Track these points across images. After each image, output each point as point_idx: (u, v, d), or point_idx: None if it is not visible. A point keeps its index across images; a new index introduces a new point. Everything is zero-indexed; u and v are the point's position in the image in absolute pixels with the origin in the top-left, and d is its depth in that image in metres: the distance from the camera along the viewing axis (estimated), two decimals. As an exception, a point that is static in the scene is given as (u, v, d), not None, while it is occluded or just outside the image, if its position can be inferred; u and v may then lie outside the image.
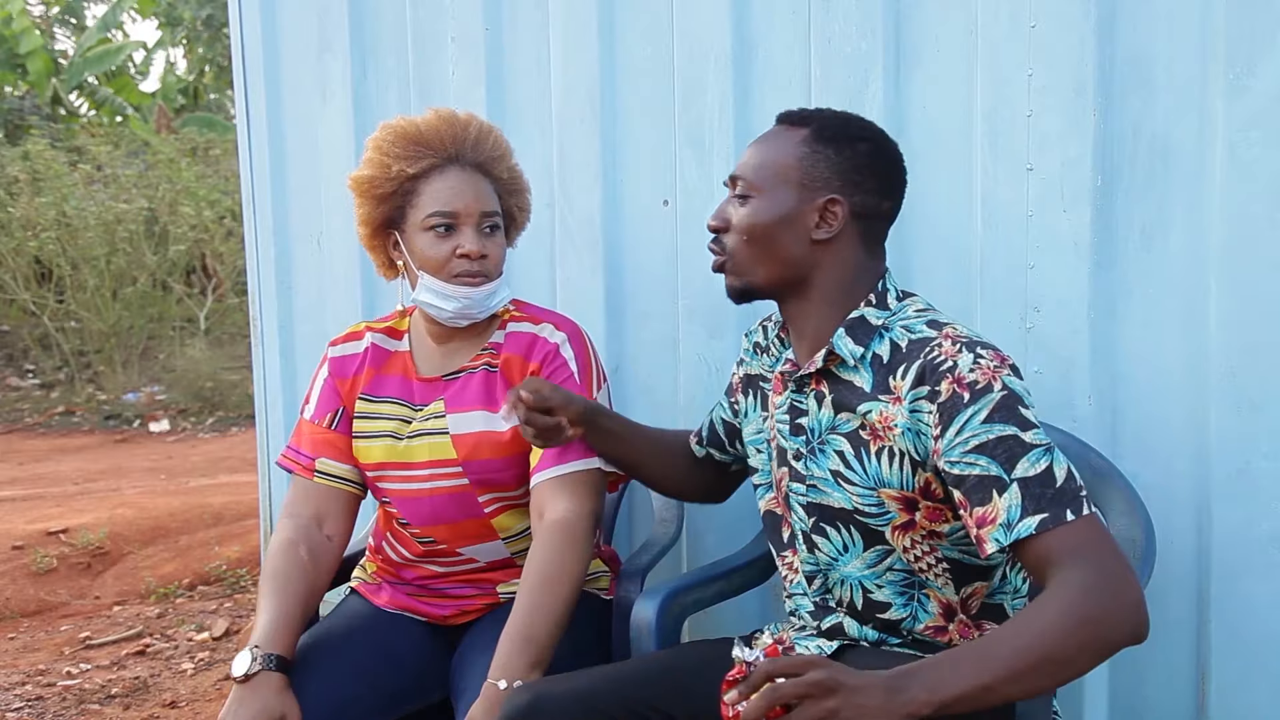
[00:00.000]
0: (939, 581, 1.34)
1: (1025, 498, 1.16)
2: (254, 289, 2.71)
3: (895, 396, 1.27)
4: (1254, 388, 1.59)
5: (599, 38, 2.12)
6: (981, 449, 1.18)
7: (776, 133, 1.39)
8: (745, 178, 1.38)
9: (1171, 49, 1.62)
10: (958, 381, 1.21)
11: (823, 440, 1.36)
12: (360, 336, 1.77)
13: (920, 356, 1.25)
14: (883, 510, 1.31)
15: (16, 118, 11.68)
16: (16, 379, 8.74)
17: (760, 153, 1.38)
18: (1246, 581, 1.61)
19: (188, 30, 13.43)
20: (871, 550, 1.35)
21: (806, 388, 1.38)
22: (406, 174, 1.64)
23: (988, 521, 1.17)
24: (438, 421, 1.68)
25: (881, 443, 1.29)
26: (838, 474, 1.34)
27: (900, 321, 1.32)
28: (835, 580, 1.39)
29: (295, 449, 1.76)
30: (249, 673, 1.49)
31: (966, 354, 1.22)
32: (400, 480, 1.69)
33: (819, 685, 1.03)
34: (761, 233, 1.36)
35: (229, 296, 9.16)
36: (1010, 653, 1.07)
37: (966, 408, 1.20)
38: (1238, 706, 1.63)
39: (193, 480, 5.58)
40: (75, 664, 3.14)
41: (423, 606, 1.74)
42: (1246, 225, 1.58)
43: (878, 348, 1.31)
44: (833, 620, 1.40)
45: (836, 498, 1.34)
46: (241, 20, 2.64)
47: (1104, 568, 1.12)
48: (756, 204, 1.36)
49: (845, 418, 1.33)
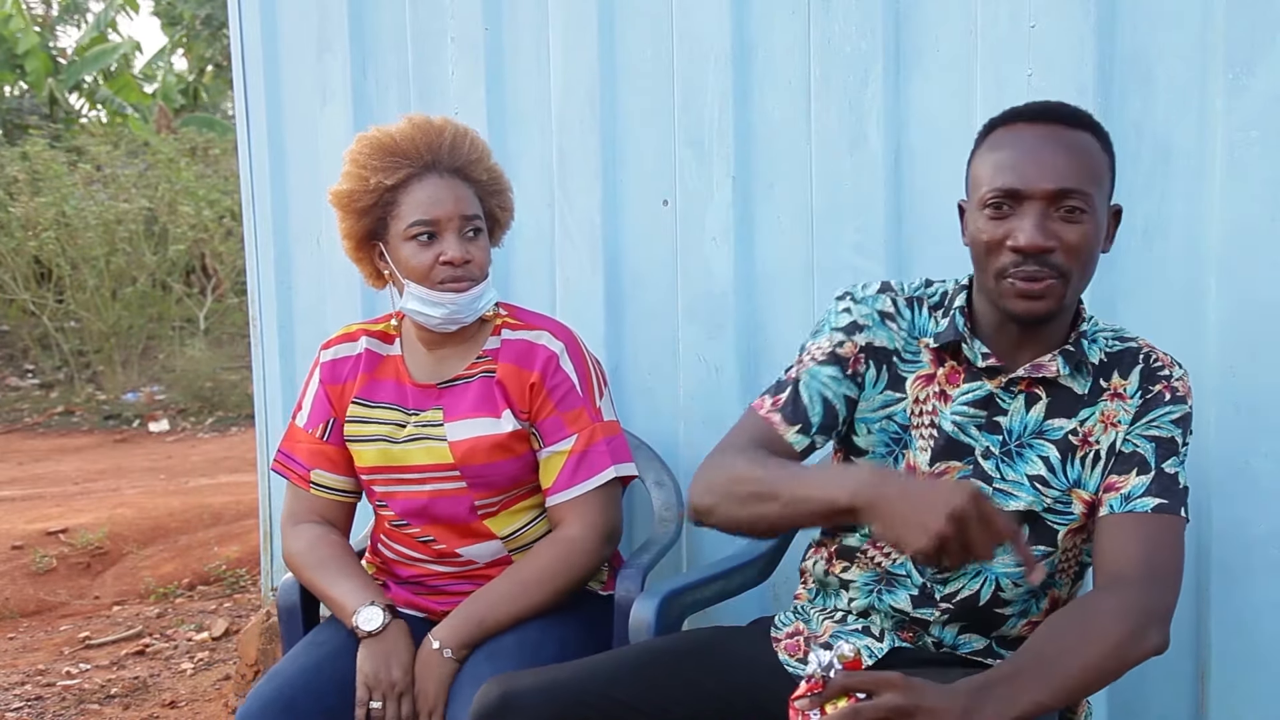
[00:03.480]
0: (1064, 580, 1.38)
1: (1155, 484, 1.28)
2: (254, 289, 2.71)
3: (1115, 394, 1.33)
4: (1254, 388, 1.59)
5: (599, 38, 2.12)
6: (1154, 438, 1.30)
7: (1063, 134, 1.26)
8: (1081, 190, 1.23)
9: (1171, 49, 1.62)
10: (1169, 386, 1.33)
11: (1023, 443, 1.34)
12: (355, 339, 1.78)
13: (1139, 361, 1.34)
14: (1069, 510, 1.33)
15: (15, 118, 11.68)
16: (16, 379, 8.74)
17: (1075, 158, 1.24)
18: (1246, 581, 1.61)
19: (187, 30, 13.42)
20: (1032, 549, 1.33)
21: (1015, 387, 1.35)
22: (385, 185, 1.64)
23: (1113, 489, 1.29)
24: (435, 429, 1.68)
25: (1089, 448, 1.33)
26: (1037, 479, 1.33)
27: (1099, 333, 1.37)
28: (969, 572, 1.35)
29: (289, 455, 1.77)
30: (385, 623, 1.59)
31: (1177, 368, 1.35)
32: (396, 483, 1.70)
33: (898, 709, 1.07)
34: (1091, 252, 1.26)
35: (229, 296, 9.16)
36: (1071, 672, 1.16)
37: (1164, 405, 1.32)
38: (1238, 706, 1.64)
39: (192, 480, 5.58)
40: (75, 664, 3.14)
41: (423, 602, 1.75)
42: (1246, 225, 1.58)
43: (1092, 356, 1.35)
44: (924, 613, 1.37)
45: (1026, 501, 1.33)
46: (241, 20, 2.63)
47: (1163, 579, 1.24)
48: (1090, 221, 1.24)
49: (1059, 423, 1.34)
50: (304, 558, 1.71)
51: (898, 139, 1.84)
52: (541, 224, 2.19)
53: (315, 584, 1.69)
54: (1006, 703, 1.11)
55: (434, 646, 1.59)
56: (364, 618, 1.60)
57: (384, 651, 1.57)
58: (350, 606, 1.61)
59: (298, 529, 1.74)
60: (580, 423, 1.67)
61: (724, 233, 2.01)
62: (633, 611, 1.57)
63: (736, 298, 2.01)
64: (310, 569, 1.70)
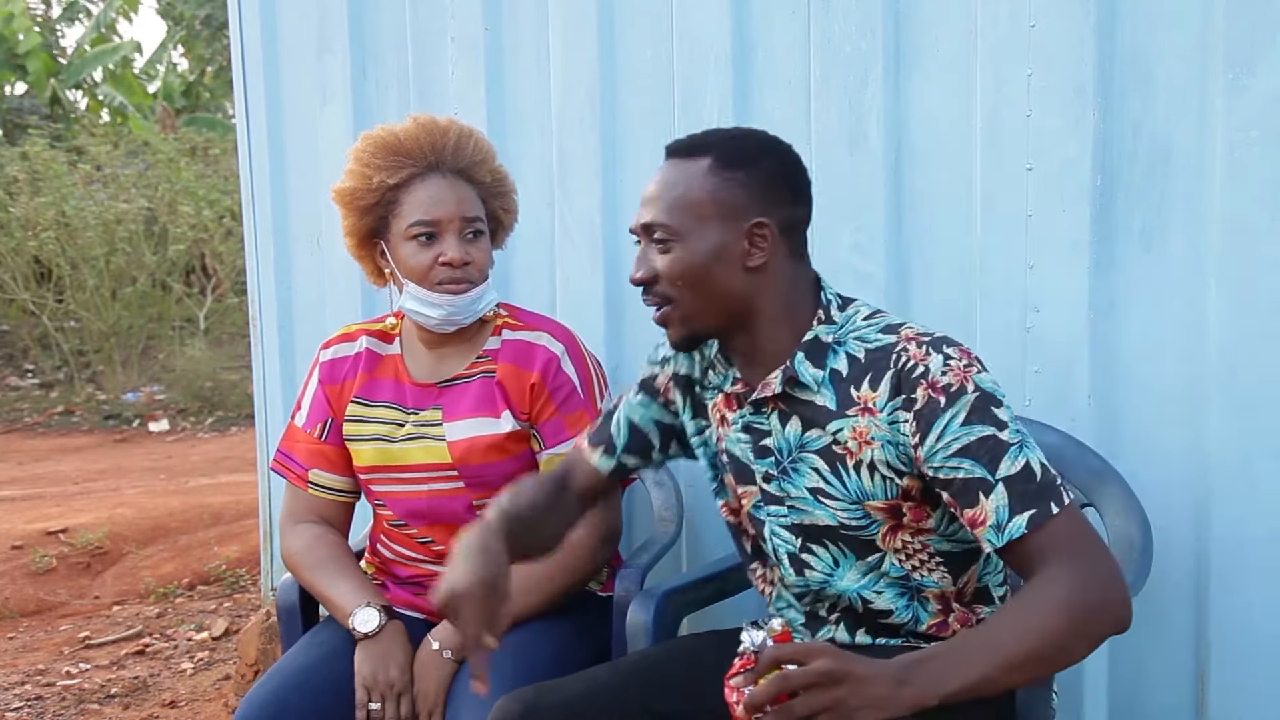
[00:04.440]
0: (935, 576, 1.33)
1: (1011, 497, 1.18)
2: (253, 289, 2.71)
3: (865, 408, 1.27)
4: (1254, 388, 1.59)
5: (599, 38, 2.12)
6: (964, 452, 1.20)
7: (674, 167, 1.31)
8: (660, 223, 1.29)
9: (1171, 49, 1.62)
10: (932, 386, 1.21)
11: (794, 459, 1.33)
12: (354, 338, 1.78)
13: (890, 366, 1.25)
14: (869, 522, 1.30)
15: (16, 118, 11.68)
16: (16, 379, 8.74)
17: (667, 192, 1.30)
18: (1246, 581, 1.61)
19: (187, 30, 13.42)
20: (864, 560, 1.33)
21: (765, 408, 1.34)
22: (387, 184, 1.64)
23: (979, 523, 1.20)
24: (434, 429, 1.68)
25: (857, 457, 1.28)
26: (817, 491, 1.32)
27: (852, 333, 1.31)
28: (829, 595, 1.37)
29: (288, 455, 1.77)
30: (382, 624, 1.60)
31: (935, 355, 1.23)
32: (393, 483, 1.70)
33: (827, 674, 1.03)
34: (695, 276, 1.29)
35: (229, 296, 9.15)
36: (1013, 644, 1.09)
37: (944, 412, 1.21)
38: (1238, 706, 1.63)
39: (192, 480, 5.57)
40: (75, 664, 3.14)
41: (422, 603, 1.75)
42: (1246, 225, 1.58)
43: (834, 363, 1.30)
44: (826, 633, 1.39)
45: (821, 515, 1.32)
46: (241, 20, 2.63)
47: (1093, 559, 1.15)
48: (681, 248, 1.29)
49: (815, 434, 1.31)
50: (302, 558, 1.71)
51: (898, 139, 1.83)
52: (541, 224, 2.19)
53: (313, 584, 1.69)
54: (943, 672, 1.06)
55: (434, 647, 1.59)
56: (360, 619, 1.60)
57: (381, 652, 1.57)
58: (347, 608, 1.61)
59: (296, 529, 1.74)
60: (581, 425, 1.67)
61: (724, 233, 2.01)
62: (630, 611, 1.57)
63: (736, 298, 2.01)
64: (308, 569, 1.70)
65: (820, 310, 1.33)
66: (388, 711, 1.56)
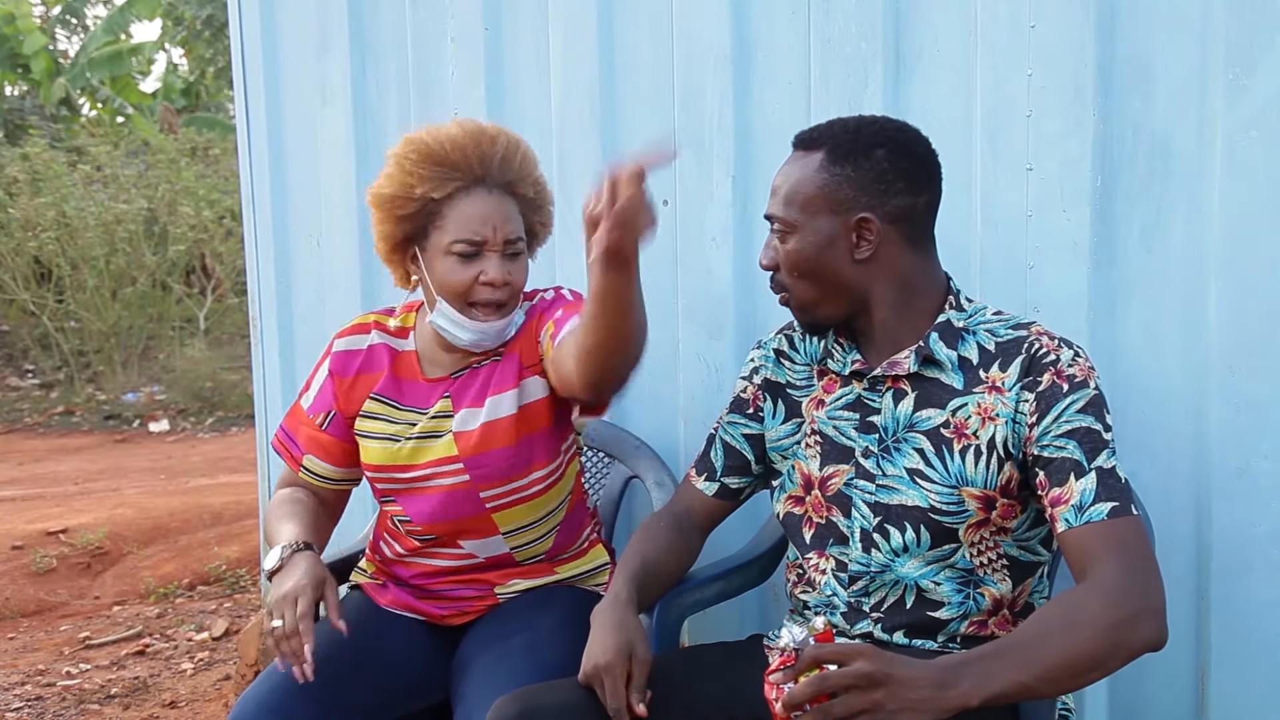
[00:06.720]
0: (996, 578, 1.36)
1: (1100, 485, 1.24)
2: (254, 289, 2.72)
3: (993, 386, 1.32)
4: (1254, 388, 1.59)
5: (599, 38, 2.12)
6: (1072, 434, 1.27)
7: (795, 160, 1.39)
8: (778, 215, 1.39)
9: (1171, 49, 1.62)
10: (1058, 374, 1.29)
11: (898, 438, 1.37)
12: (366, 330, 1.76)
13: (1022, 351, 1.32)
14: (961, 509, 1.33)
15: (17, 118, 11.68)
16: (16, 379, 8.74)
17: (785, 185, 1.38)
18: (1246, 581, 1.61)
19: (188, 30, 13.42)
20: (939, 548, 1.35)
21: (881, 385, 1.39)
22: (431, 197, 1.59)
23: (1061, 501, 1.25)
24: (443, 422, 1.67)
25: (966, 441, 1.32)
26: (916, 472, 1.35)
27: (982, 324, 1.38)
28: (885, 582, 1.38)
29: (290, 436, 1.77)
30: (282, 560, 1.53)
31: (1066, 350, 1.31)
32: (401, 481, 1.69)
33: (867, 677, 1.05)
34: (807, 267, 1.37)
35: (229, 296, 9.16)
36: (1054, 654, 1.12)
37: (1065, 397, 1.28)
38: (1238, 706, 1.63)
39: (192, 480, 5.58)
40: (75, 664, 3.14)
41: (423, 605, 1.74)
42: (1246, 225, 1.58)
43: (964, 351, 1.36)
44: (863, 627, 1.40)
45: (912, 496, 1.35)
46: (241, 20, 2.64)
47: (1143, 572, 1.19)
48: (796, 239, 1.37)
49: (929, 414, 1.35)
50: (270, 513, 1.69)
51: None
52: (541, 224, 2.19)
53: (269, 536, 1.65)
54: (983, 678, 1.08)
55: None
56: (268, 560, 1.55)
57: (281, 578, 1.51)
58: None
59: (279, 492, 1.75)
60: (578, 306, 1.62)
61: (724, 233, 2.01)
62: (632, 612, 1.57)
63: (736, 298, 2.01)
64: (269, 522, 1.68)
65: (950, 296, 1.39)
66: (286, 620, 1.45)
